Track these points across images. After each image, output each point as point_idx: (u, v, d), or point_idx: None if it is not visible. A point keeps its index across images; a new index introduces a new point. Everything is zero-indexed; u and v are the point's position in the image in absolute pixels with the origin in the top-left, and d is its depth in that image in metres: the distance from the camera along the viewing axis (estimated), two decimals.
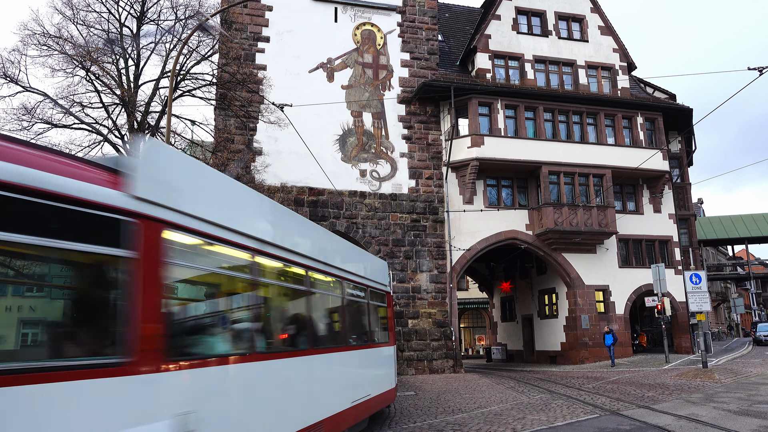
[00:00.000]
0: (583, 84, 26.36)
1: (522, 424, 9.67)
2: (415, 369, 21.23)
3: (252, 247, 5.10)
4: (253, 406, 4.93)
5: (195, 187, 4.43)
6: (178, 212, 3.98)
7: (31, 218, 2.89)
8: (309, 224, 7.55)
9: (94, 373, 3.06)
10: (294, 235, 6.49)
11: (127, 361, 3.31)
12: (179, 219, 3.99)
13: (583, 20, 27.29)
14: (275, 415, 5.42)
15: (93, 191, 3.22)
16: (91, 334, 3.31)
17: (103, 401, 3.11)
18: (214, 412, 4.22)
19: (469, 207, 23.59)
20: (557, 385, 16.22)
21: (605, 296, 24.96)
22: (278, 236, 5.77)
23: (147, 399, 3.47)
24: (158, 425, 3.51)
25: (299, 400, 6.12)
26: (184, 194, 4.13)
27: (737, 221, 41.91)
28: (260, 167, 20.85)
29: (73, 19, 16.38)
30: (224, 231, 4.64)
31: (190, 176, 4.39)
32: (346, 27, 23.71)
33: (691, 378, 16.22)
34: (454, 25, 29.66)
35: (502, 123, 24.10)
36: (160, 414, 3.57)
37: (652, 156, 24.32)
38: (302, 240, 6.66)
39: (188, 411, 3.81)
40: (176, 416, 3.68)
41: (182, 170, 4.31)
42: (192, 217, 4.15)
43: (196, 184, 4.45)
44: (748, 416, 9.62)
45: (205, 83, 17.68)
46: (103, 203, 3.27)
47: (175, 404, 3.72)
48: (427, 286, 22.37)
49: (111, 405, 3.17)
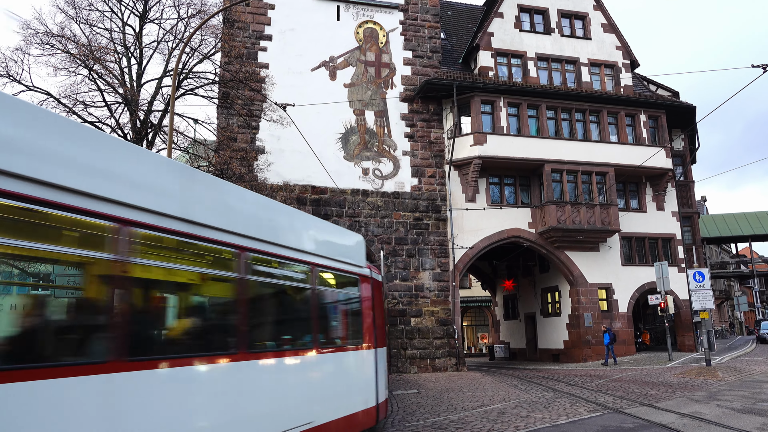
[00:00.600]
0: (586, 82, 26.30)
1: (525, 422, 9.66)
2: (418, 367, 21.24)
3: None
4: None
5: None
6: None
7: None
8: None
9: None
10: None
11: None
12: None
13: (586, 18, 27.22)
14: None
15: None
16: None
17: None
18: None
19: (472, 205, 23.57)
20: (560, 383, 16.21)
21: (608, 294, 24.93)
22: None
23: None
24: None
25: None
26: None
27: (741, 219, 41.77)
28: (263, 166, 20.86)
29: (76, 18, 16.40)
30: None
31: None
32: (349, 25, 23.70)
33: (695, 376, 16.19)
34: (457, 23, 29.61)
35: (505, 121, 24.06)
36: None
37: (656, 154, 24.25)
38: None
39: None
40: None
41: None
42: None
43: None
44: (752, 414, 9.60)
45: (208, 82, 17.69)
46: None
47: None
48: (430, 285, 22.36)
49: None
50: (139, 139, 16.06)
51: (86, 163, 3.78)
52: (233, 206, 5.40)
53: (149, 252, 4.33)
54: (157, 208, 4.26)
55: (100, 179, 3.84)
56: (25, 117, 3.42)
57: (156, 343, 4.56)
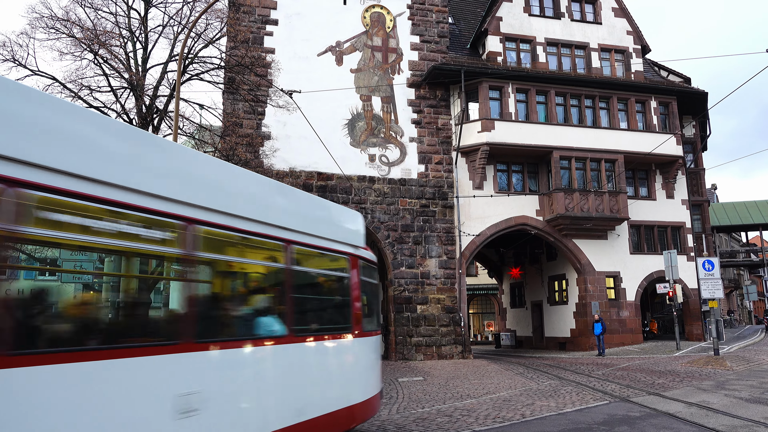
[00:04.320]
0: (595, 67, 25.92)
1: (531, 410, 9.61)
2: (424, 354, 21.25)
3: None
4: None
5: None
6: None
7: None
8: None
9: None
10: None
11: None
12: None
13: (597, 2, 26.76)
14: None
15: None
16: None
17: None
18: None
19: (479, 192, 23.41)
20: (566, 371, 16.16)
21: (616, 283, 24.78)
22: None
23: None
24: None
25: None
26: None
27: (751, 207, 41.31)
28: (269, 152, 20.77)
29: (81, 2, 16.26)
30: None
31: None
32: (355, 10, 23.43)
33: (703, 365, 16.08)
34: (465, 8, 29.23)
35: (513, 107, 23.80)
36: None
37: (666, 141, 23.93)
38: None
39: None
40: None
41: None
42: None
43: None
44: (760, 404, 9.50)
45: (214, 67, 17.54)
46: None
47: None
48: (436, 272, 22.30)
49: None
50: (145, 124, 15.99)
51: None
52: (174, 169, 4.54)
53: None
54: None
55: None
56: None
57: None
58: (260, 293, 5.75)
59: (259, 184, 5.75)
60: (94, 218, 3.82)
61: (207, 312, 4.87)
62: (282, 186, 6.21)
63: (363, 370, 7.16)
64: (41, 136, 3.43)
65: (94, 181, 3.71)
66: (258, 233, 5.27)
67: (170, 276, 4.88)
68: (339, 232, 6.89)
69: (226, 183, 5.09)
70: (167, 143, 5.00)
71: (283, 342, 5.50)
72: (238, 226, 5.01)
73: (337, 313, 7.02)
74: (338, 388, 6.52)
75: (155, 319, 5.08)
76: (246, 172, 5.59)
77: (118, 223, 3.98)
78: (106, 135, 3.98)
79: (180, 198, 4.36)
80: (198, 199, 4.55)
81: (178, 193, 4.36)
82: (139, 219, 4.07)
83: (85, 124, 3.84)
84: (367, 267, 7.55)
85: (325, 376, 6.34)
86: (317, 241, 6.27)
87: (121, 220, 3.97)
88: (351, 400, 6.61)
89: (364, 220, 7.69)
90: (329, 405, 6.18)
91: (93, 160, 3.75)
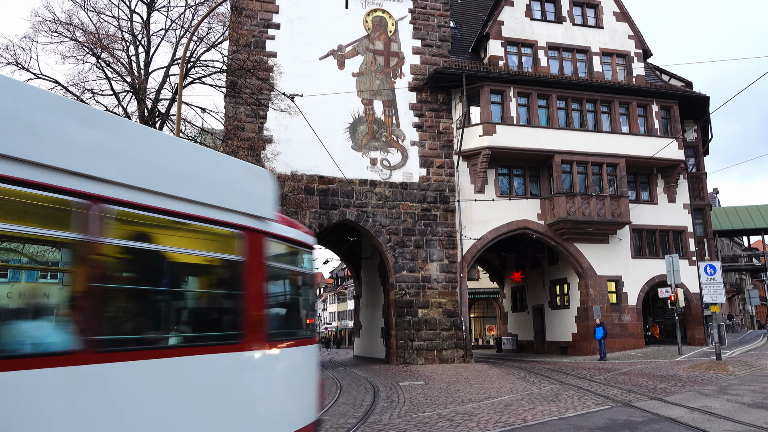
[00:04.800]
0: (597, 71, 25.94)
1: (533, 414, 9.58)
2: (425, 359, 21.20)
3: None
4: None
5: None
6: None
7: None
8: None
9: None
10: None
11: None
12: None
13: (598, 6, 26.80)
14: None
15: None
16: None
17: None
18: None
19: (481, 196, 23.40)
20: (568, 375, 16.11)
21: (618, 287, 24.72)
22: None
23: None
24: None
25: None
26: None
27: (753, 212, 41.23)
28: (270, 155, 20.79)
29: (84, 6, 16.36)
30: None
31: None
32: (357, 13, 23.49)
33: (705, 370, 16.03)
34: (467, 12, 29.28)
35: (515, 111, 23.81)
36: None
37: (668, 145, 23.92)
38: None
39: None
40: None
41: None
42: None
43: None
44: (762, 409, 9.46)
45: (216, 70, 17.62)
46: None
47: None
48: (438, 276, 22.27)
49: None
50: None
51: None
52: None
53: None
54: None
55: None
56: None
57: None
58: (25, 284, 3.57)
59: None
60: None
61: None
62: (82, 108, 3.71)
63: (267, 398, 4.78)
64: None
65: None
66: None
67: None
68: (222, 194, 4.42)
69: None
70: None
71: (66, 362, 3.16)
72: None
73: (215, 316, 4.69)
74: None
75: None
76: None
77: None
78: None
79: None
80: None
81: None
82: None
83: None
84: (283, 248, 5.26)
85: (174, 415, 3.85)
86: (166, 203, 3.94)
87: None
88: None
89: (273, 181, 5.19)
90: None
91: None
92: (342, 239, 27.39)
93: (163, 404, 3.77)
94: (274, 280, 5.10)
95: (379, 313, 26.68)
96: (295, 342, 5.45)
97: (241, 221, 4.56)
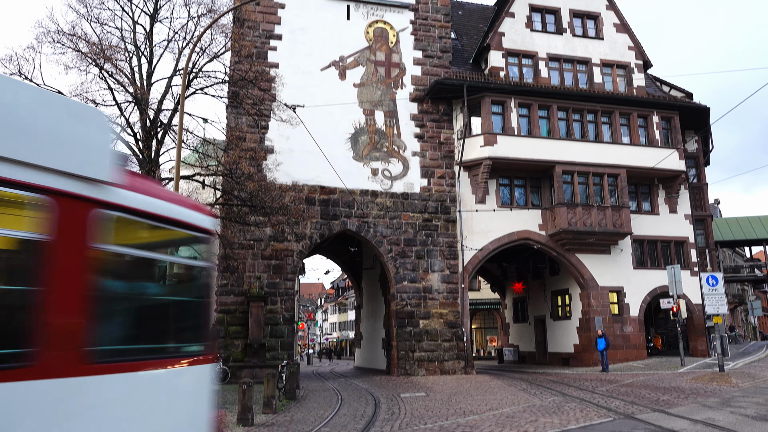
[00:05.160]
0: (597, 82, 26.03)
1: (534, 426, 9.51)
2: (426, 370, 21.09)
3: None
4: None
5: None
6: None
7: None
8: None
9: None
10: None
11: None
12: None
13: (599, 17, 26.95)
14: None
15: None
16: None
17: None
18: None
19: (482, 207, 23.40)
20: (570, 387, 16.01)
21: (619, 297, 24.63)
22: None
23: None
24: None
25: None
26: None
27: (755, 222, 41.17)
28: (272, 165, 20.82)
29: (87, 17, 16.44)
30: None
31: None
32: (359, 25, 23.64)
33: (708, 382, 15.92)
34: (467, 23, 29.45)
35: (516, 122, 23.87)
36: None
37: (668, 156, 23.95)
38: None
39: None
40: None
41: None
42: None
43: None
44: (766, 421, 9.38)
45: (218, 81, 17.67)
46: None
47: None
48: (439, 287, 22.22)
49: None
50: (149, 137, 16.08)
51: None
52: None
53: None
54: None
55: None
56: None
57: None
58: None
59: None
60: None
61: None
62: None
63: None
64: None
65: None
66: None
67: None
68: (12, 140, 2.89)
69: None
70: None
71: None
72: None
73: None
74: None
75: None
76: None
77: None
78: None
79: None
80: None
81: None
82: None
83: None
84: (141, 228, 3.84)
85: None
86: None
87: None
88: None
89: (111, 126, 3.78)
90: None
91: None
92: (343, 249, 27.39)
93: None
94: (116, 272, 3.63)
95: (380, 323, 26.59)
96: (157, 362, 3.90)
97: (47, 182, 3.03)
